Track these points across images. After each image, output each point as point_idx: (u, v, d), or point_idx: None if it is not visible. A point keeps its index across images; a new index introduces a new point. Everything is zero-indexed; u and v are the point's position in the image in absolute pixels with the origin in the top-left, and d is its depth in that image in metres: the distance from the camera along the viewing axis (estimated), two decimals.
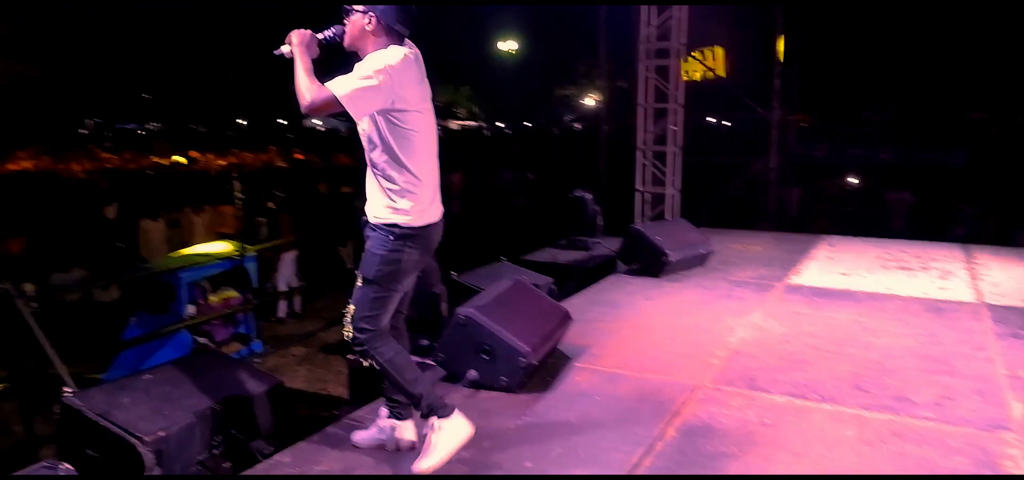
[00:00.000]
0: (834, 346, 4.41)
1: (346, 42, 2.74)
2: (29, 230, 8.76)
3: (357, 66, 2.60)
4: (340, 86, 2.54)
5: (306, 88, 2.57)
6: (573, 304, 5.29)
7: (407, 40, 2.78)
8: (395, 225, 2.71)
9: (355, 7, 2.70)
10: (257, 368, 3.81)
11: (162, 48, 24.62)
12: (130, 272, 7.39)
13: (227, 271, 7.22)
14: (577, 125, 32.65)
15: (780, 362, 4.14)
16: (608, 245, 7.14)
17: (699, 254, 6.45)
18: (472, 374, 3.77)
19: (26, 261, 8.01)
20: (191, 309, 6.53)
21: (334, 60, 2.71)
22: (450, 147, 16.87)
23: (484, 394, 3.70)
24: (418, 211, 2.73)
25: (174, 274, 6.47)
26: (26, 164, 14.87)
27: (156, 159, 17.69)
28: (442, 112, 42.14)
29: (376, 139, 2.70)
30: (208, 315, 6.67)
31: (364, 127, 2.73)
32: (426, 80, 2.83)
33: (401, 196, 2.71)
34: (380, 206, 2.74)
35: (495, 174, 14.89)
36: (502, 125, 38.61)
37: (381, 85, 2.57)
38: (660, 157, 8.74)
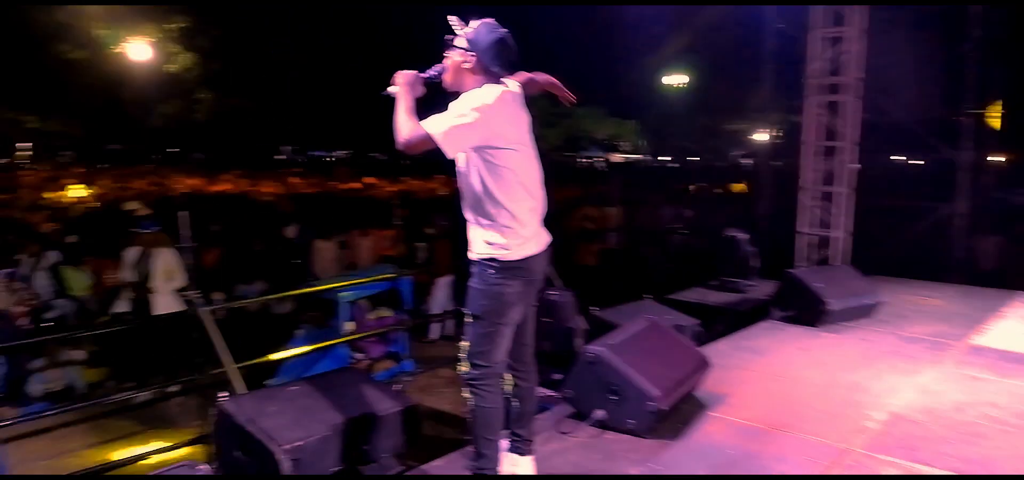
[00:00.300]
0: (1020, 420, 3.86)
1: (446, 79, 2.82)
2: (224, 245, 9.78)
3: (452, 104, 2.67)
4: (435, 124, 2.62)
5: (403, 125, 2.67)
6: (716, 349, 5.06)
7: (506, 79, 2.81)
8: (492, 259, 2.75)
9: (456, 44, 2.77)
10: (395, 389, 3.97)
11: (354, 82, 27.01)
12: (299, 288, 8.01)
13: (384, 292, 7.63)
14: (747, 161, 31.43)
15: (950, 433, 3.69)
16: (763, 289, 6.76)
17: (864, 304, 5.92)
18: (599, 414, 3.69)
19: (218, 273, 8.94)
20: (349, 326, 6.96)
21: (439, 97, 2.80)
22: (610, 181, 16.83)
23: (610, 435, 3.62)
24: (515, 244, 2.75)
25: (335, 292, 6.95)
26: (227, 185, 16.68)
27: (337, 184, 19.19)
28: (606, 146, 42.25)
29: (471, 177, 2.76)
30: (364, 333, 7.08)
31: (461, 165, 2.80)
32: (526, 116, 2.85)
33: (498, 231, 2.75)
34: (478, 241, 2.79)
35: (655, 209, 14.61)
36: (667, 159, 38.00)
37: (475, 123, 2.62)
38: (829, 198, 8.16)
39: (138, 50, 28.45)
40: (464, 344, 2.84)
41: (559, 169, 32.73)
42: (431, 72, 2.85)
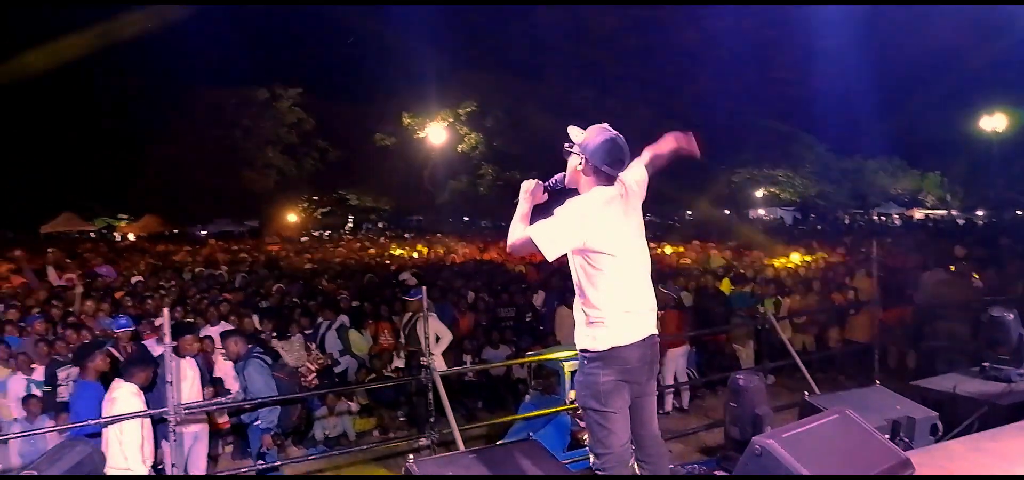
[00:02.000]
0: None
1: (567, 181, 3.03)
2: (477, 312, 10.76)
3: (557, 210, 2.88)
4: (537, 229, 2.86)
5: (512, 229, 2.96)
6: (948, 449, 4.46)
7: (618, 180, 2.94)
8: (586, 350, 2.95)
9: (574, 149, 2.98)
10: (567, 465, 4.17)
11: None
12: (539, 354, 8.50)
13: None
14: None
15: None
16: None
17: None
18: None
19: (470, 338, 9.86)
20: (572, 394, 7.26)
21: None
22: (864, 243, 15.02)
23: None
24: (606, 335, 2.87)
25: (559, 362, 7.31)
26: (492, 254, 18.21)
27: None
28: (906, 201, 37.82)
29: (574, 275, 2.96)
30: None
31: (568, 263, 2.98)
32: (634, 215, 2.95)
33: (592, 325, 2.93)
34: (578, 334, 2.97)
35: (939, 275, 12.80)
36: (982, 213, 32.90)
37: (572, 229, 2.80)
38: None
39: (436, 134, 32.68)
40: (585, 436, 3.01)
41: (834, 227, 30.07)
42: (551, 181, 3.12)
